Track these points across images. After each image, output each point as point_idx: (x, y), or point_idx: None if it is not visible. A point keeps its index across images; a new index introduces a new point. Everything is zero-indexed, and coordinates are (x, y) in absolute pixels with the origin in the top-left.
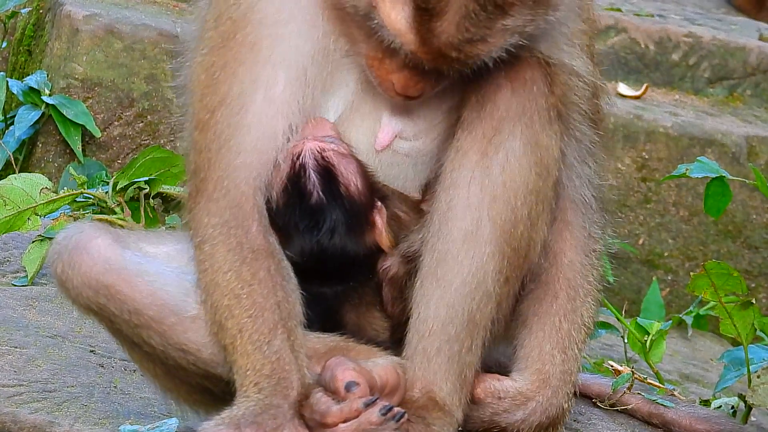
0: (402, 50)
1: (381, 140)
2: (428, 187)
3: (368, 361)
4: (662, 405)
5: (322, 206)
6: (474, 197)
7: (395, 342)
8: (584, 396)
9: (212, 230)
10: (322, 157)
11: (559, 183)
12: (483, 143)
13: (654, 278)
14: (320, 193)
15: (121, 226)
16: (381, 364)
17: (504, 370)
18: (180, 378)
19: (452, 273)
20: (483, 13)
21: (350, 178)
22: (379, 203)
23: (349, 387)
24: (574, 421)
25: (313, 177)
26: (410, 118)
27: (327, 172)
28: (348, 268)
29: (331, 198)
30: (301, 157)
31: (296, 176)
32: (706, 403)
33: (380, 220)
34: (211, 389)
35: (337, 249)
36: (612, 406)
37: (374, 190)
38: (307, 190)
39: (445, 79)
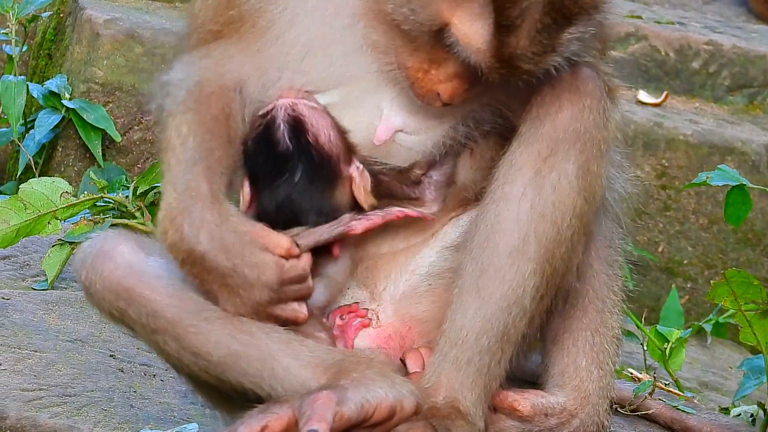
0: (477, 65)
1: (380, 134)
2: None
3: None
4: (683, 411)
5: (289, 154)
6: (524, 213)
7: None
8: None
9: None
10: (293, 110)
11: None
12: (538, 161)
13: (673, 286)
14: (288, 140)
15: (142, 231)
16: (381, 396)
17: (530, 376)
18: (203, 385)
19: (493, 285)
20: (554, 25)
21: (320, 129)
22: (360, 165)
23: None
24: None
25: (282, 126)
26: (412, 113)
27: (296, 122)
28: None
29: (299, 146)
30: (273, 110)
31: (266, 126)
32: (725, 411)
33: (359, 176)
34: (230, 397)
35: (306, 199)
36: (633, 411)
37: (351, 149)
38: (275, 139)
39: (488, 84)
